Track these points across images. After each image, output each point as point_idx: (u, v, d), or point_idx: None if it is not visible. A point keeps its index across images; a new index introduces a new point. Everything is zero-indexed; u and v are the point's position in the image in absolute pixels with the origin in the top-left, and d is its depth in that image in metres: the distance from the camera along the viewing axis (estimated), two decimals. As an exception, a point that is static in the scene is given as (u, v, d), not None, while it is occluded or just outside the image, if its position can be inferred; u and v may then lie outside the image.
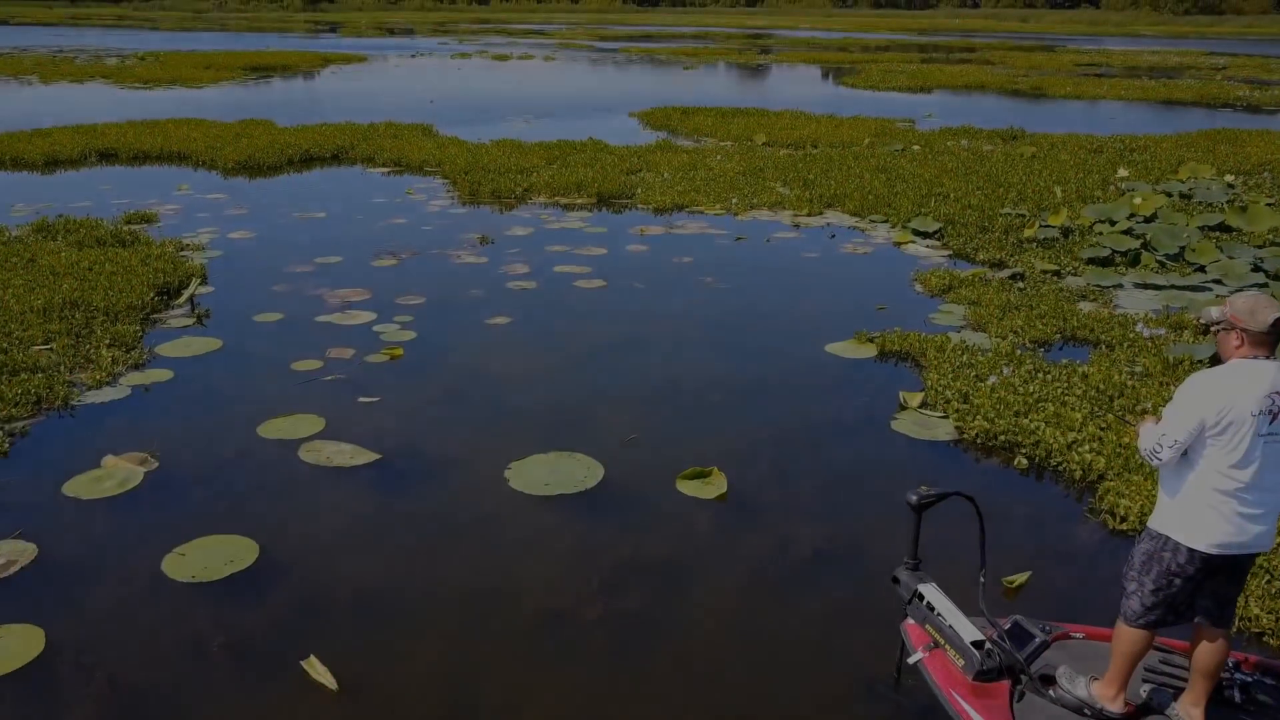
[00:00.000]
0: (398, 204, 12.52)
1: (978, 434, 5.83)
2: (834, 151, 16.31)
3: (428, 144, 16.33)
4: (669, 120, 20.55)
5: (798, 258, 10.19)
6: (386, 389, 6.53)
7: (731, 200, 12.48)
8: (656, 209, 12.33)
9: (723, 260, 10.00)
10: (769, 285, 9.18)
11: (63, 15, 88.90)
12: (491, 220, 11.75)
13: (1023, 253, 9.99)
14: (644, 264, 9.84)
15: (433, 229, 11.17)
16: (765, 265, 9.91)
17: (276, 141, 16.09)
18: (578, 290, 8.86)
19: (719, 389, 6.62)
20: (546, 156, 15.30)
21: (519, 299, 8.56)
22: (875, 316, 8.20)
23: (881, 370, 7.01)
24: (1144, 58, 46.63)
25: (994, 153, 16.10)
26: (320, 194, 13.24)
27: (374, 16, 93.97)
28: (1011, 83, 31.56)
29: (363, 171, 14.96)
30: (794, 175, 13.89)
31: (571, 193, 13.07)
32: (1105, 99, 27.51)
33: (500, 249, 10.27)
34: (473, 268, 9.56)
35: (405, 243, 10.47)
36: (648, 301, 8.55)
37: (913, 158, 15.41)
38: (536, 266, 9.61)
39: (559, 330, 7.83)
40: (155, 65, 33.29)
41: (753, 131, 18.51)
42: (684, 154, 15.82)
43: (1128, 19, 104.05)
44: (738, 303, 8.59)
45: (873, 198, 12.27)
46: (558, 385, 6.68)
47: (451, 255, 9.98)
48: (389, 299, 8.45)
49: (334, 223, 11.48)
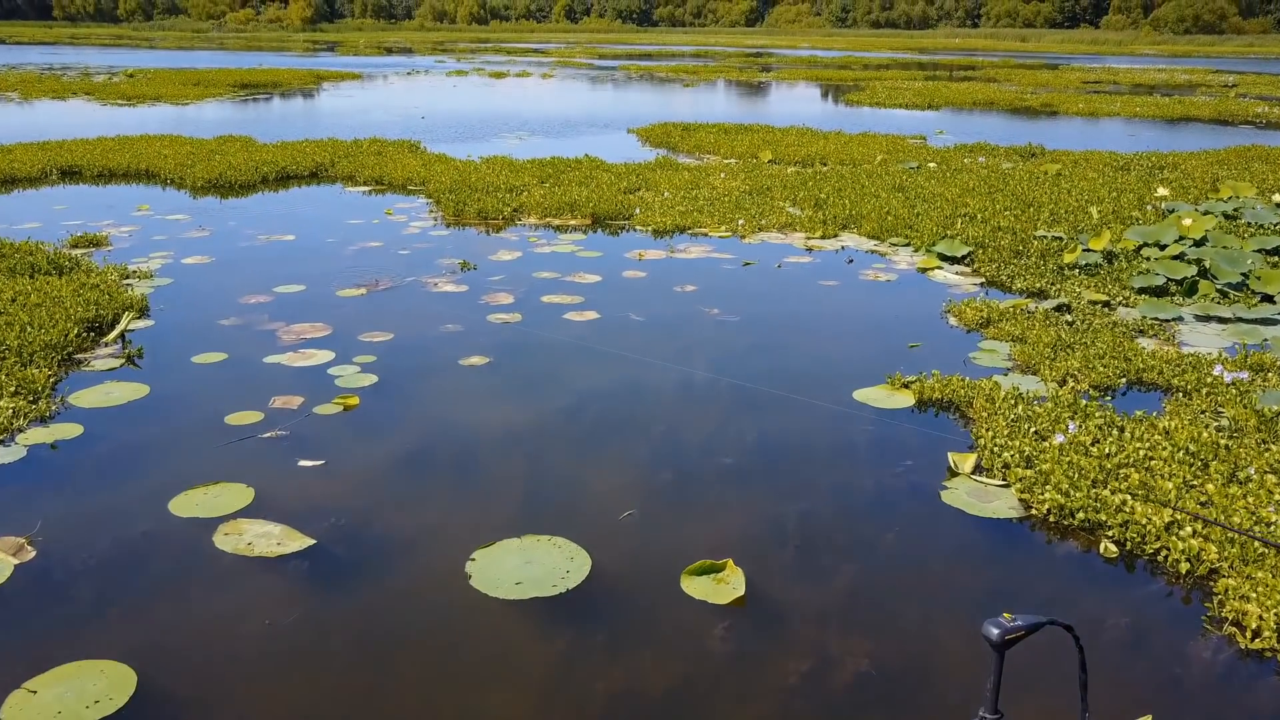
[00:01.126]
0: (375, 226, 11.51)
1: (1049, 509, 4.77)
2: (845, 169, 15.34)
3: (412, 161, 15.36)
4: (669, 137, 19.62)
5: (813, 286, 9.16)
6: (334, 449, 5.47)
7: (737, 221, 11.48)
8: (656, 231, 11.33)
9: (730, 288, 8.98)
10: (783, 318, 8.15)
11: (62, 35, 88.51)
12: (475, 243, 10.74)
13: (1065, 280, 8.97)
14: (642, 293, 8.82)
15: (410, 253, 10.15)
16: (777, 294, 8.88)
17: (251, 159, 15.11)
18: (567, 324, 7.83)
19: (731, 449, 5.57)
20: (538, 174, 14.33)
21: (500, 335, 7.52)
22: (907, 356, 7.16)
23: (922, 423, 5.96)
24: (1150, 76, 45.92)
25: (1015, 170, 15.13)
26: (292, 215, 12.24)
27: (373, 37, 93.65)
28: (1021, 100, 30.71)
29: (341, 191, 13.97)
30: (804, 194, 12.90)
31: (564, 213, 12.07)
32: (1120, 115, 26.63)
33: (483, 276, 9.24)
34: (450, 298, 8.53)
35: (378, 269, 9.45)
36: (646, 338, 7.51)
37: (930, 175, 14.43)
38: (522, 296, 8.58)
39: (543, 374, 6.78)
40: (142, 82, 32.46)
41: (757, 148, 17.56)
42: (685, 172, 14.85)
43: (1127, 39, 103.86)
44: (749, 340, 7.54)
45: (892, 219, 11.26)
46: (538, 444, 5.63)
47: (428, 283, 8.96)
48: (351, 335, 7.41)
49: (302, 247, 10.47)
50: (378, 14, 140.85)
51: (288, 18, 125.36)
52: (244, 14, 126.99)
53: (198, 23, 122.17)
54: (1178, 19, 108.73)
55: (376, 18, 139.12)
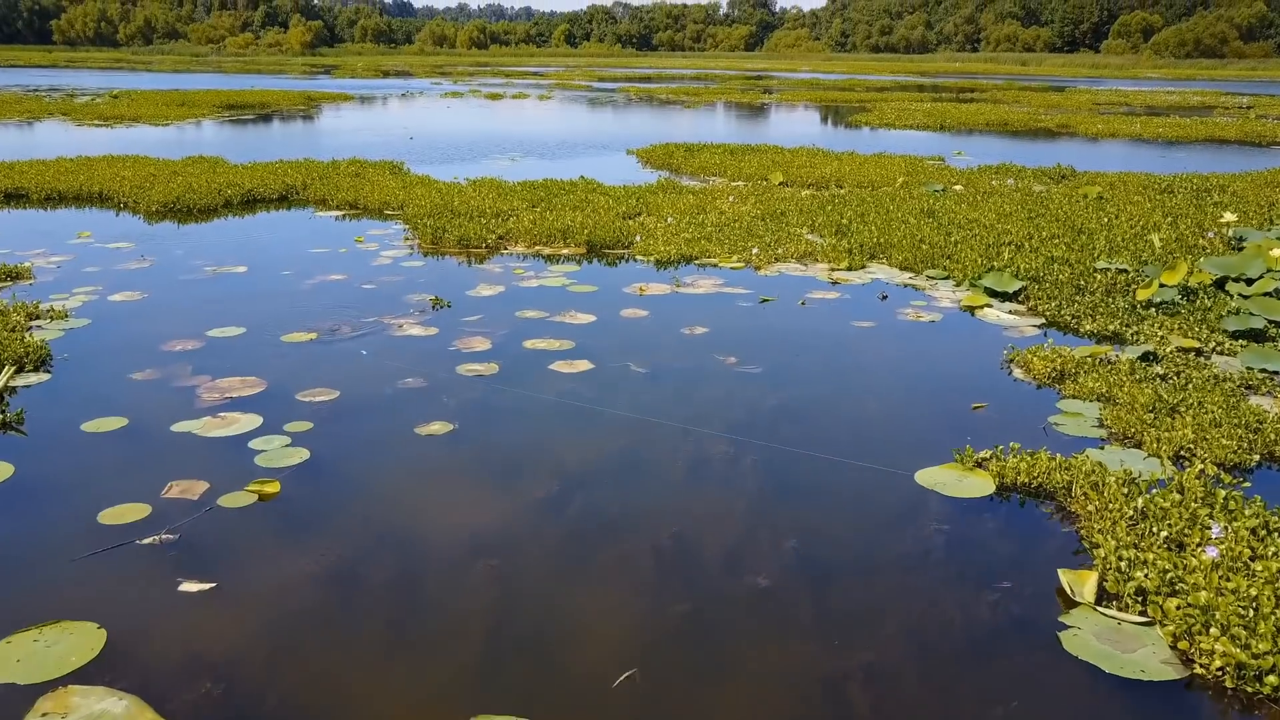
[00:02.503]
0: (341, 256, 10.18)
1: (1222, 668, 3.39)
2: (864, 192, 14.05)
3: (392, 183, 14.06)
4: (671, 158, 18.37)
5: (845, 327, 7.81)
6: (232, 564, 4.08)
7: (751, 250, 10.16)
8: (659, 261, 10.01)
9: (747, 331, 7.63)
10: (815, 369, 6.79)
11: (60, 59, 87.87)
12: (453, 276, 9.41)
13: (1142, 322, 7.61)
14: (644, 337, 7.46)
15: (375, 288, 8.81)
16: (804, 339, 7.53)
17: (215, 181, 13.82)
18: (553, 378, 6.46)
19: (765, 564, 4.18)
20: (529, 198, 13.03)
21: (470, 393, 6.15)
22: (972, 419, 5.79)
23: (1011, 519, 4.58)
24: (1161, 98, 44.92)
25: (1051, 193, 13.84)
26: (250, 243, 10.91)
27: (372, 61, 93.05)
28: (1035, 120, 29.56)
29: (311, 215, 12.66)
30: (823, 220, 11.59)
31: (555, 241, 10.75)
32: (1142, 137, 25.45)
33: (457, 315, 7.89)
34: (415, 344, 7.17)
35: (335, 307, 8.09)
36: (649, 397, 6.14)
37: (959, 199, 13.14)
38: (501, 341, 7.23)
39: (520, 448, 5.41)
40: (124, 103, 31.32)
41: (767, 170, 16.30)
42: (690, 195, 13.56)
43: (1129, 63, 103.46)
44: (776, 399, 6.17)
45: (926, 248, 9.93)
46: (505, 561, 4.24)
47: (391, 325, 7.60)
48: (288, 393, 6.05)
49: (253, 281, 9.13)
50: (378, 39, 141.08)
51: (287, 42, 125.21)
52: (243, 38, 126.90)
53: (197, 47, 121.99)
54: (1178, 43, 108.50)
55: (377, 42, 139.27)
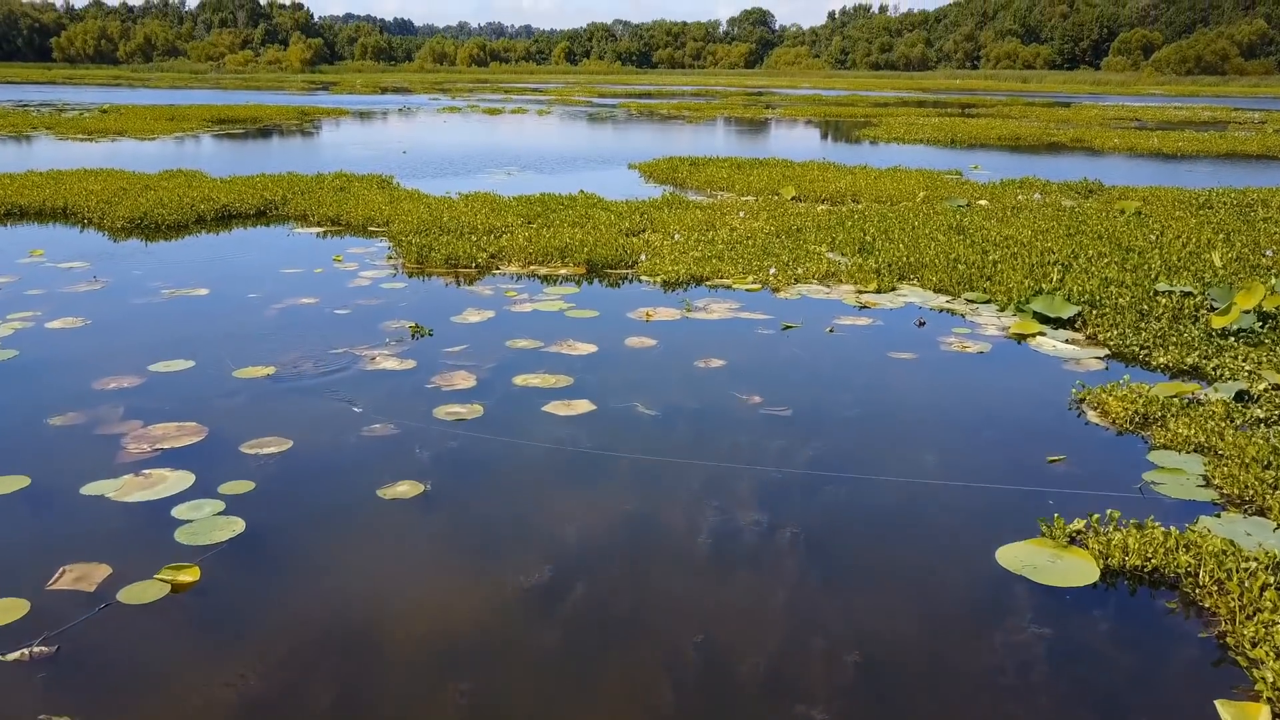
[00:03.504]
0: (316, 277, 9.24)
1: None
2: (883, 208, 13.14)
3: (378, 198, 13.14)
4: (675, 172, 17.47)
5: (882, 359, 6.85)
6: (117, 689, 3.10)
7: (768, 270, 9.21)
8: (667, 282, 9.07)
9: (770, 364, 6.67)
10: (853, 411, 5.82)
11: (59, 76, 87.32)
12: (438, 299, 8.46)
13: (1222, 353, 6.66)
14: (652, 371, 6.50)
15: (350, 313, 7.85)
16: (837, 373, 6.57)
17: (189, 195, 12.90)
18: (548, 423, 5.50)
19: (814, 685, 3.19)
20: (524, 213, 12.11)
21: (447, 442, 5.18)
22: (1049, 475, 4.82)
23: (1128, 618, 3.60)
24: (1170, 113, 44.19)
25: (1084, 209, 12.92)
26: (218, 262, 9.97)
27: (372, 78, 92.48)
28: (1047, 135, 28.74)
29: (289, 232, 11.72)
30: (843, 237, 10.66)
31: (553, 260, 9.82)
32: (1162, 151, 24.59)
33: (439, 346, 6.93)
34: (388, 380, 6.21)
35: (301, 336, 7.14)
36: (661, 447, 5.18)
37: (987, 214, 12.22)
38: (488, 377, 6.26)
39: (504, 519, 4.43)
40: (113, 117, 30.49)
41: (777, 184, 15.39)
42: (697, 210, 12.64)
43: (1130, 79, 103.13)
44: (811, 450, 5.20)
45: (963, 268, 8.99)
46: (482, 679, 3.25)
47: (362, 358, 6.63)
48: (232, 443, 5.08)
49: (213, 304, 8.18)
50: (378, 56, 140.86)
51: (287, 60, 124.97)
52: (243, 56, 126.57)
53: (196, 64, 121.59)
54: (1179, 60, 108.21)
55: (377, 60, 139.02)
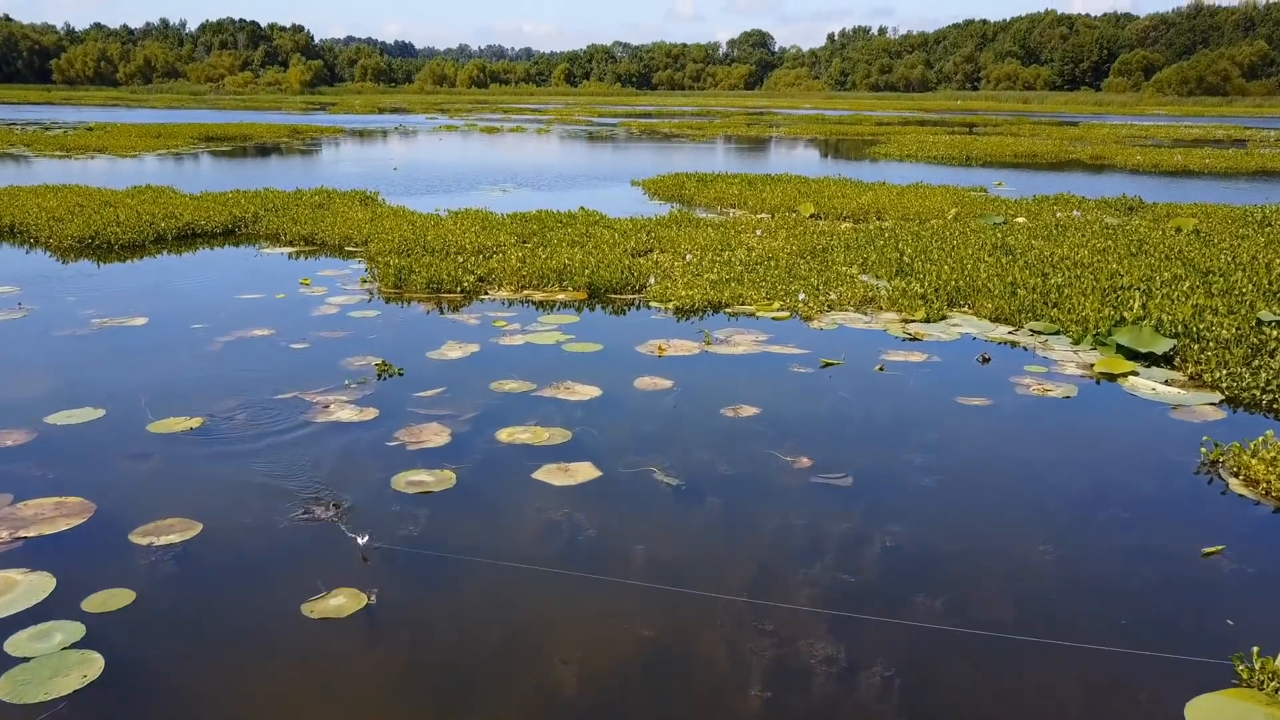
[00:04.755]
0: (276, 303, 8.04)
1: None
2: (913, 226, 11.97)
3: (359, 215, 11.98)
4: (682, 189, 16.33)
5: (949, 406, 5.63)
6: None
7: (798, 296, 8.02)
8: (680, 309, 7.87)
9: (814, 413, 5.45)
10: (929, 479, 4.58)
11: (56, 97, 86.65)
12: (414, 330, 7.25)
13: (1368, 399, 5.44)
14: (669, 422, 5.28)
15: (309, 347, 6.64)
16: (897, 425, 5.34)
17: (150, 212, 11.73)
18: (537, 496, 4.27)
19: None
20: (519, 231, 10.93)
21: (405, 529, 3.95)
22: (1214, 579, 3.59)
23: None
24: (1183, 131, 43.26)
25: (1135, 227, 11.74)
26: (166, 287, 8.78)
27: (371, 100, 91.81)
28: (1064, 153, 27.68)
29: (256, 253, 10.54)
30: (876, 258, 9.48)
31: (550, 284, 8.63)
32: (1189, 169, 23.51)
33: (408, 389, 5.72)
34: (341, 436, 4.98)
35: (242, 378, 5.92)
36: (687, 533, 3.95)
37: (1030, 233, 11.04)
38: (466, 431, 5.05)
39: (472, 649, 3.19)
40: (98, 134, 29.44)
41: (792, 201, 14.24)
42: (709, 229, 11.47)
43: (1132, 100, 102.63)
44: (885, 537, 3.96)
45: (1023, 293, 7.79)
46: None
47: (313, 406, 5.41)
48: (121, 528, 3.86)
49: (148, 338, 6.97)
50: (378, 78, 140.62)
51: (287, 81, 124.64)
52: (243, 77, 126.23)
53: (195, 86, 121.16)
54: (1181, 81, 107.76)
55: (377, 82, 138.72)
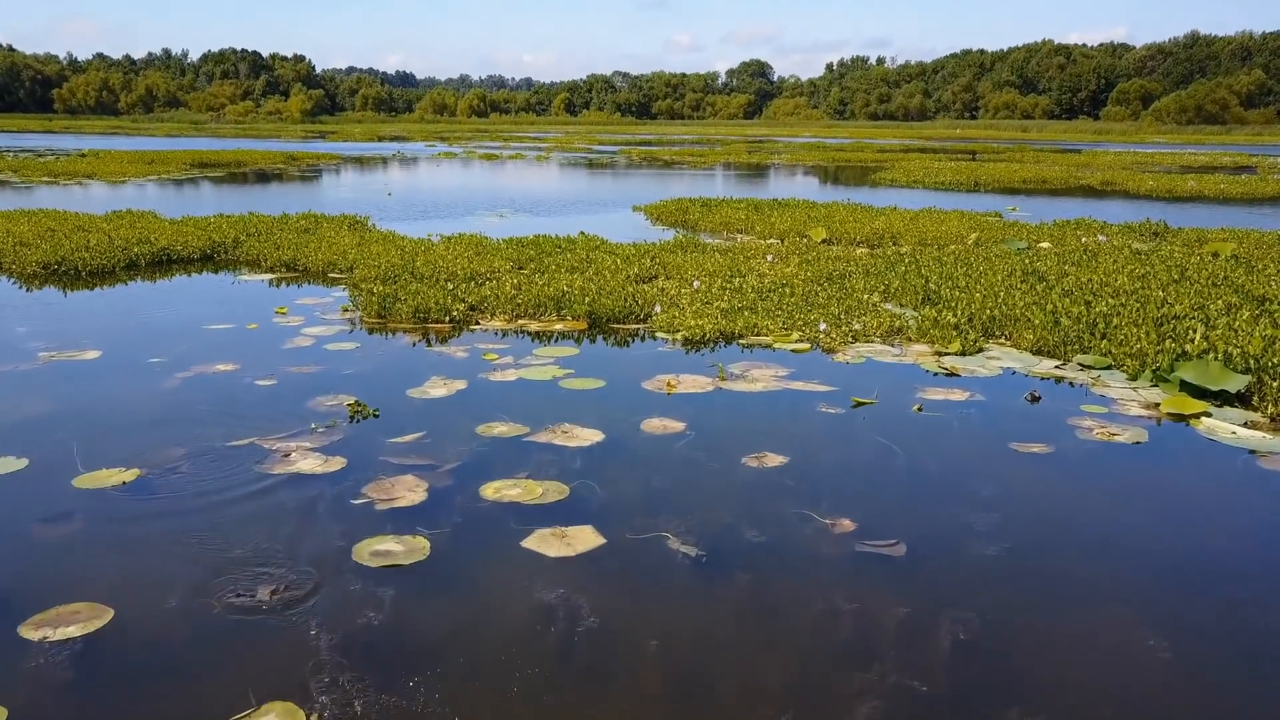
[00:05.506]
0: (246, 334, 7.34)
1: None
2: (932, 251, 11.32)
3: (345, 240, 11.32)
4: (686, 214, 15.71)
5: (1005, 453, 4.90)
6: None
7: (818, 326, 7.32)
8: (689, 340, 7.17)
9: (850, 462, 4.73)
10: (995, 549, 3.84)
11: (57, 126, 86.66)
12: (396, 364, 6.55)
13: None
14: (684, 474, 4.56)
15: (276, 384, 5.93)
16: (949, 477, 4.61)
17: (124, 237, 11.08)
18: (526, 569, 3.53)
19: None
20: (515, 257, 10.27)
21: (362, 617, 3.21)
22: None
23: None
24: (1189, 158, 42.90)
25: (1169, 253, 11.08)
26: (130, 316, 8.09)
27: (372, 128, 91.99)
28: (1074, 178, 27.17)
29: (234, 279, 9.86)
30: (899, 284, 8.80)
31: (546, 312, 7.94)
32: (1204, 195, 22.94)
33: (384, 433, 5.00)
34: (299, 490, 4.26)
35: (195, 421, 5.21)
36: (710, 618, 3.21)
37: (1059, 258, 10.38)
38: (446, 485, 4.32)
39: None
40: (92, 160, 28.96)
41: (802, 225, 13.61)
42: (717, 254, 10.81)
43: (1131, 128, 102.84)
44: (952, 623, 3.22)
45: (1067, 322, 7.09)
46: None
47: (271, 453, 4.69)
48: (10, 619, 3.12)
49: (96, 374, 6.26)
50: (379, 107, 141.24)
51: (287, 110, 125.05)
52: (243, 106, 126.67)
53: (196, 115, 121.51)
54: (1179, 109, 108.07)
55: (378, 111, 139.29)
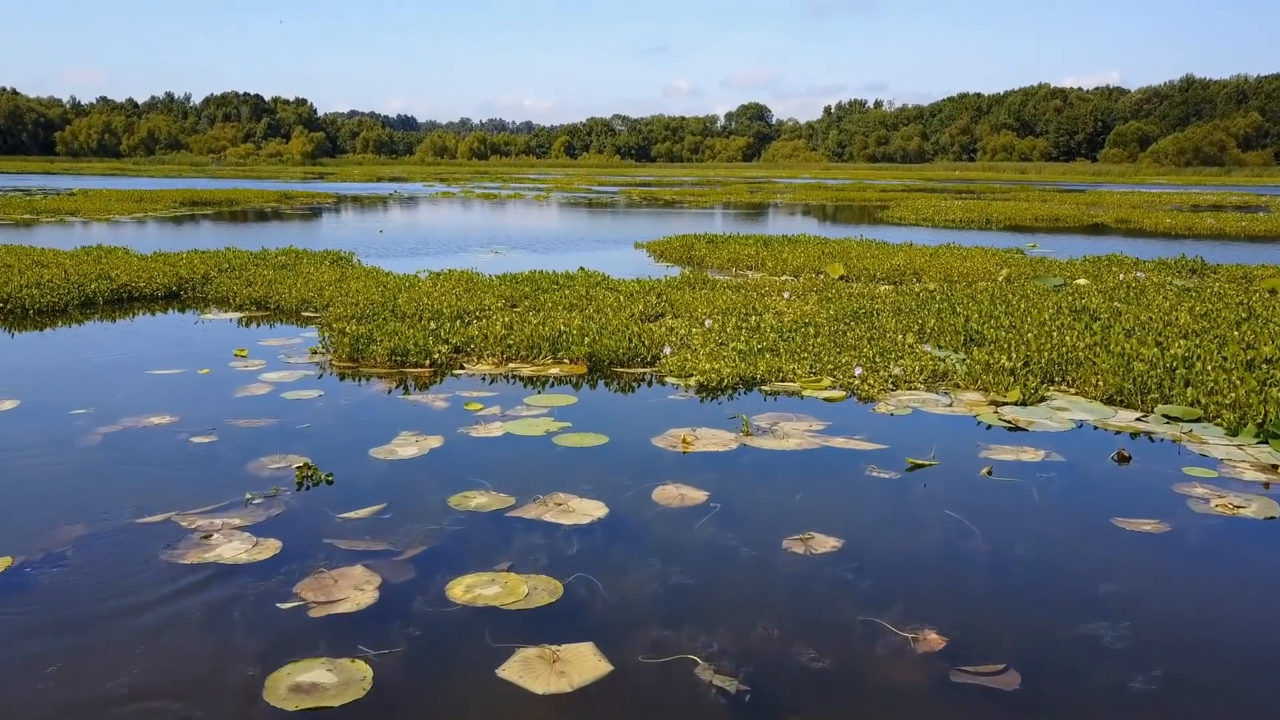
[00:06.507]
0: (196, 380, 6.40)
1: None
2: (961, 288, 10.44)
3: (325, 276, 10.43)
4: (691, 250, 14.88)
5: (1107, 533, 3.92)
6: None
7: (854, 370, 6.38)
8: (704, 386, 6.23)
9: (920, 545, 3.75)
10: (1126, 666, 2.86)
11: (57, 167, 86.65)
12: (362, 416, 5.59)
13: None
14: (710, 562, 3.58)
15: (213, 442, 4.97)
16: (1047, 565, 3.63)
17: (82, 273, 10.19)
18: (506, 711, 2.54)
19: None
20: (508, 294, 9.36)
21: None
22: None
23: None
24: (1198, 197, 42.38)
25: (1220, 289, 10.19)
26: (71, 359, 7.16)
27: (372, 170, 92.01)
28: (1086, 216, 26.48)
29: (196, 319, 8.94)
30: (935, 324, 7.88)
31: (541, 354, 7.01)
32: (1225, 233, 22.19)
33: (334, 504, 4.03)
34: (215, 588, 3.27)
35: (106, 487, 4.24)
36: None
37: (1106, 295, 9.48)
38: (403, 578, 3.34)
39: None
40: (79, 199, 28.26)
41: (817, 261, 12.75)
42: (729, 291, 9.91)
43: (1130, 170, 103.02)
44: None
45: (1141, 366, 6.15)
46: None
47: (188, 534, 3.72)
48: None
49: (4, 429, 5.30)
50: (379, 149, 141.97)
51: (288, 152, 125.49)
52: (244, 148, 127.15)
53: (197, 157, 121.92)
54: (1178, 151, 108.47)
55: (378, 153, 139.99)
